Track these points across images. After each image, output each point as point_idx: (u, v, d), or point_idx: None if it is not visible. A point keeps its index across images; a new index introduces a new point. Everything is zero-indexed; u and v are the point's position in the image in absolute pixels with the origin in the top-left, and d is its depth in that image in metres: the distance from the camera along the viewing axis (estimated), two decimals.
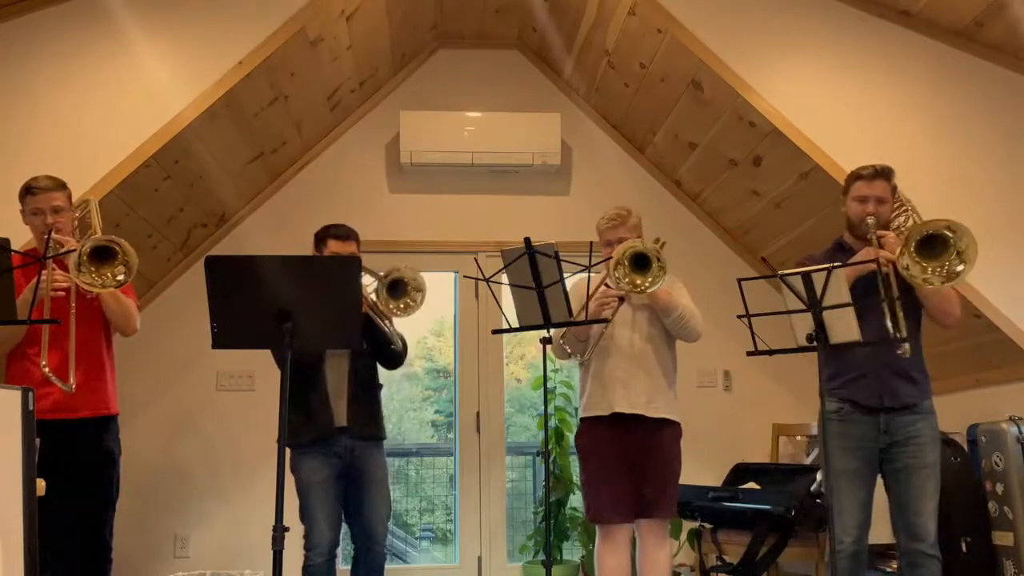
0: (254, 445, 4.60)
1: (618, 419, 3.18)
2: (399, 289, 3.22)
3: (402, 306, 3.23)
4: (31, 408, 1.86)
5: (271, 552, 2.41)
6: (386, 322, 3.34)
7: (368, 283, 3.27)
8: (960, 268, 2.62)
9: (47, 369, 2.84)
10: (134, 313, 3.21)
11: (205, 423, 4.65)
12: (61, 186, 3.10)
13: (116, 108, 3.60)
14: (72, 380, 2.89)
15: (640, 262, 3.03)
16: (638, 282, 3.02)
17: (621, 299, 3.17)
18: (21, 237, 3.27)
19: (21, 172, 3.47)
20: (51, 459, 2.94)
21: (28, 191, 3.06)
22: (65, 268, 2.98)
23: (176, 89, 3.65)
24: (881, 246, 2.85)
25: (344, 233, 3.41)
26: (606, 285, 3.20)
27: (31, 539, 1.78)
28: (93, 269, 2.86)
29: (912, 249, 2.66)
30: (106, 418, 3.17)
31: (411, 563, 5.61)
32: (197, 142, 3.90)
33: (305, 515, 3.23)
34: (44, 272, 2.87)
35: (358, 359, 3.33)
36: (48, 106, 3.56)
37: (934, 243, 2.65)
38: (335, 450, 3.26)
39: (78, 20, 3.64)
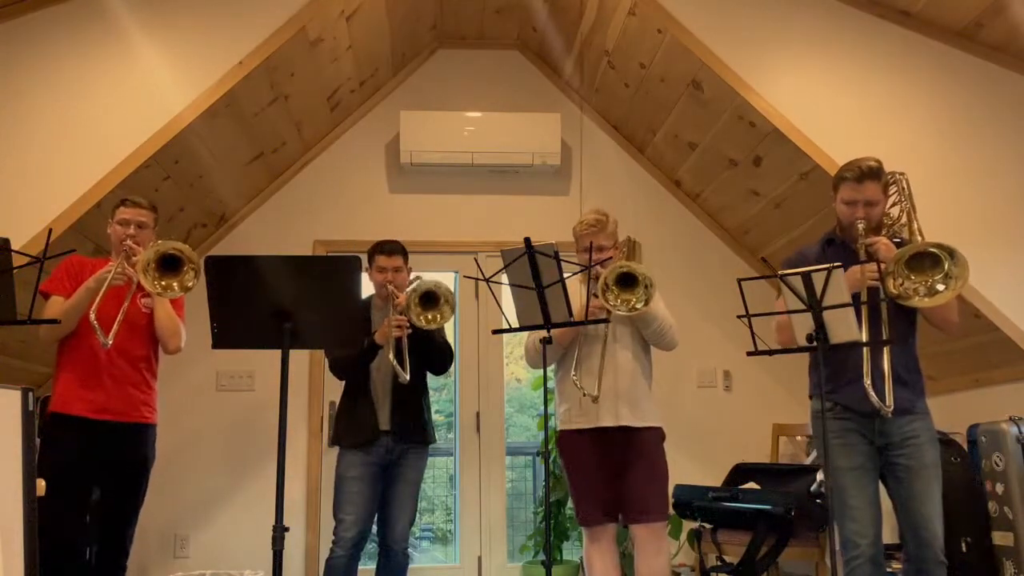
0: (254, 445, 4.61)
1: (600, 430, 3.15)
2: (431, 301, 3.28)
3: (430, 317, 3.29)
4: (31, 408, 1.86)
5: (271, 552, 2.41)
6: (435, 330, 3.40)
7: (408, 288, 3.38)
8: (940, 288, 2.57)
9: (93, 316, 2.94)
10: (182, 332, 3.34)
11: (205, 423, 4.65)
12: (153, 208, 3.33)
13: (116, 108, 3.60)
14: (111, 339, 2.98)
15: (626, 280, 2.99)
16: (630, 301, 2.99)
17: (609, 312, 3.15)
18: (22, 237, 3.28)
19: (21, 172, 3.48)
20: (90, 459, 3.09)
21: (123, 202, 3.28)
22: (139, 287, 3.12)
23: (176, 89, 3.65)
24: (871, 255, 2.75)
25: (390, 248, 3.51)
26: (594, 296, 3.16)
27: (31, 539, 1.78)
28: (159, 277, 2.95)
29: (903, 264, 2.60)
30: (146, 426, 3.27)
31: (411, 563, 5.60)
32: (197, 142, 3.90)
33: (337, 509, 3.35)
34: (112, 263, 3.09)
35: (402, 365, 3.35)
36: (48, 106, 3.56)
37: (923, 258, 2.59)
38: (378, 452, 3.37)
39: (78, 20, 3.64)
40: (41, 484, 2.07)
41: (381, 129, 5.01)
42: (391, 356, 3.29)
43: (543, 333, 3.00)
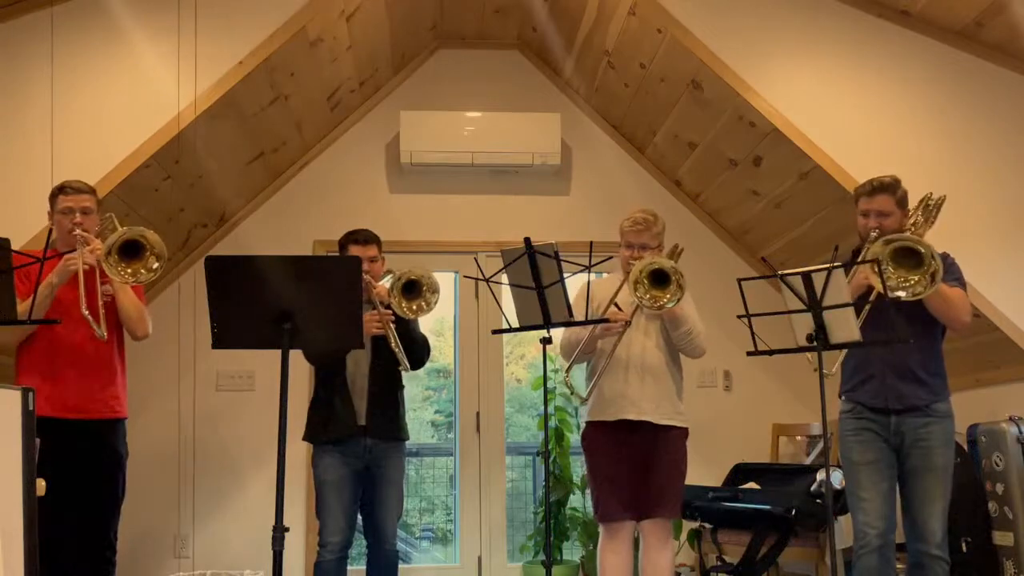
0: (254, 445, 4.61)
1: (624, 423, 3.18)
2: (414, 290, 3.23)
3: (415, 307, 3.23)
4: (31, 408, 1.86)
5: (271, 552, 2.41)
6: (411, 321, 3.36)
7: (385, 283, 3.33)
8: (920, 289, 2.63)
9: (86, 312, 2.87)
10: (147, 317, 3.26)
11: (205, 423, 4.65)
12: (92, 191, 3.19)
13: (116, 108, 3.60)
14: (103, 329, 2.93)
15: (659, 278, 3.02)
16: (658, 297, 3.01)
17: (627, 324, 3.16)
18: (22, 237, 3.28)
19: (21, 171, 3.48)
20: (59, 459, 2.94)
21: (61, 190, 3.14)
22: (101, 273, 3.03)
23: (176, 89, 3.65)
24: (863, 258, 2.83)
25: (364, 237, 3.45)
26: (616, 306, 3.18)
27: (31, 539, 1.78)
28: (124, 265, 2.91)
29: (888, 257, 2.65)
30: (115, 420, 3.21)
31: (411, 563, 5.61)
32: (197, 142, 3.90)
33: (319, 512, 3.30)
34: (72, 257, 2.96)
35: (379, 359, 3.33)
36: (48, 106, 3.55)
37: (910, 255, 2.65)
38: (354, 450, 3.30)
39: (78, 20, 3.64)
40: (41, 484, 2.07)
41: (381, 129, 5.01)
42: (393, 345, 3.23)
43: (578, 330, 3.05)
